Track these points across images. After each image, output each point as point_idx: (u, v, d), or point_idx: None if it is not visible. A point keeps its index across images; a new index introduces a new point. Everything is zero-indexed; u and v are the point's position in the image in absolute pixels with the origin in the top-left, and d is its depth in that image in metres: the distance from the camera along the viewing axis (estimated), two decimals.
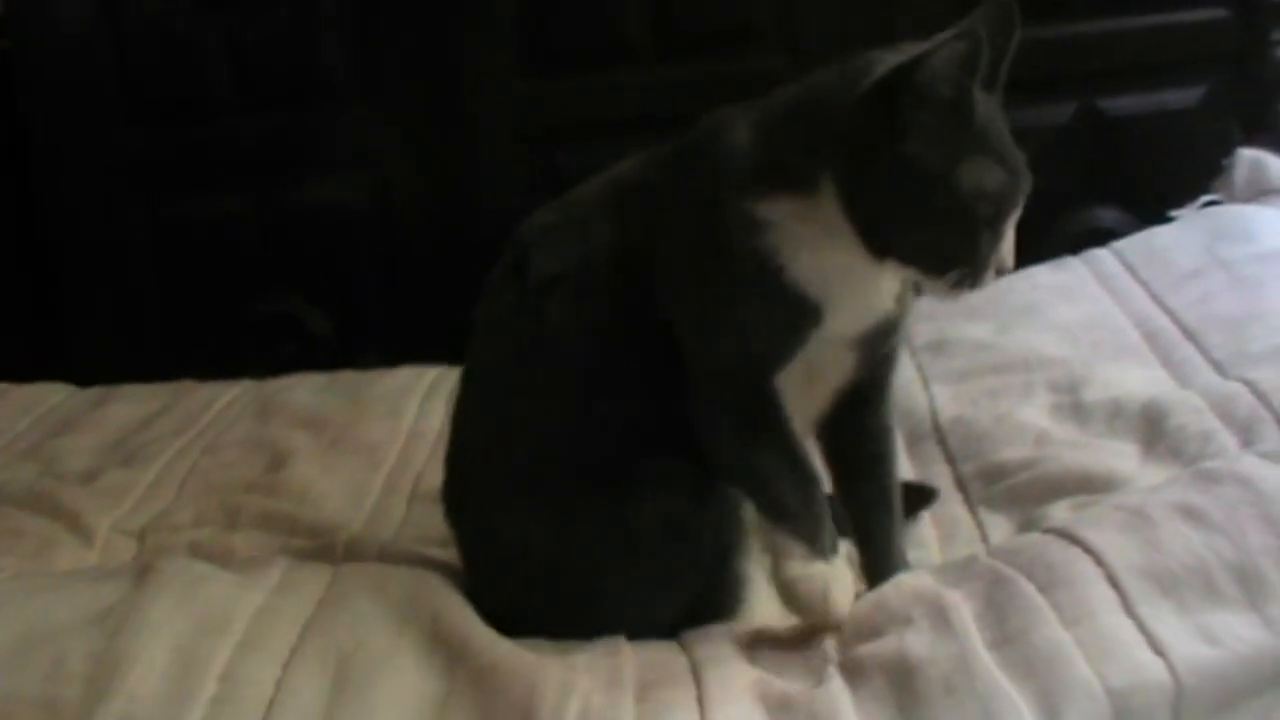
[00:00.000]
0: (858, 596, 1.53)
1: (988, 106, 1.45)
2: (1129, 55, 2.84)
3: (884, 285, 1.53)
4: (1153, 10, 2.82)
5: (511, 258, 1.63)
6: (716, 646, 1.48)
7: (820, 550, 1.51)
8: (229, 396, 2.43)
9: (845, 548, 1.64)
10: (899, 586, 1.50)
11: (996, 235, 1.46)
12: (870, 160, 1.43)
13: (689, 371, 1.54)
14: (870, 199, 1.44)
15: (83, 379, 2.58)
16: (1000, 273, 1.49)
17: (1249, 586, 1.37)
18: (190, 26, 2.84)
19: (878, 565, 1.63)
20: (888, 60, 1.45)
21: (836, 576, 1.51)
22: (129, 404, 2.43)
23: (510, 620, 1.53)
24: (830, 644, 1.45)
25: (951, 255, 1.45)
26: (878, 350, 1.59)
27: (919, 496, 1.88)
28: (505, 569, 1.61)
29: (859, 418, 1.63)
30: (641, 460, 1.55)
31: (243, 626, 1.48)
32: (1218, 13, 2.81)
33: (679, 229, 1.54)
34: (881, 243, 1.45)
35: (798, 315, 1.50)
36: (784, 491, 1.53)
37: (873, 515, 1.66)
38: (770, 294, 1.49)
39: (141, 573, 1.57)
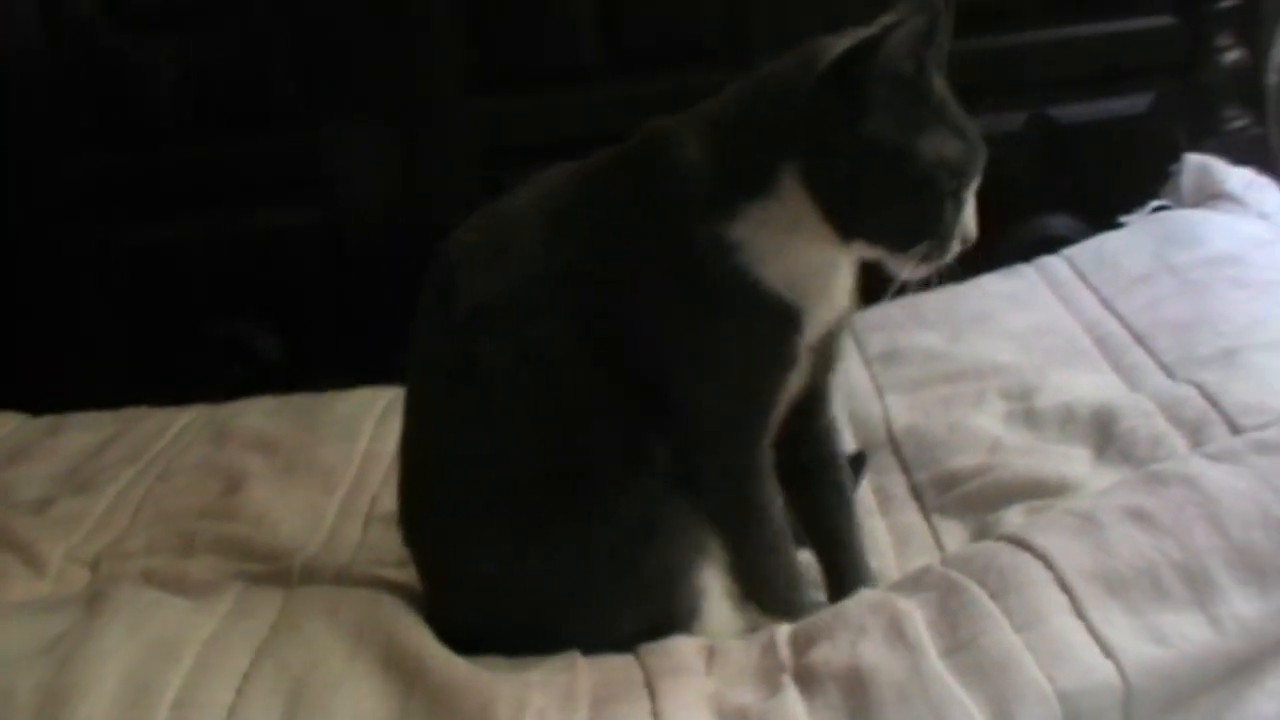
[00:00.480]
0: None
1: (940, 80, 1.48)
2: (1078, 63, 2.85)
3: (844, 279, 1.56)
4: (1101, 19, 2.84)
5: (437, 281, 1.60)
6: (672, 658, 1.48)
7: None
8: (182, 422, 2.42)
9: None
10: (856, 597, 1.51)
11: (959, 205, 1.49)
12: (832, 140, 1.46)
13: (674, 417, 1.53)
14: (835, 179, 1.47)
15: (33, 406, 2.57)
16: (965, 242, 1.51)
17: (1196, 587, 1.38)
18: (139, 51, 2.83)
19: (843, 573, 1.65)
20: (839, 43, 1.47)
21: None
22: (81, 432, 2.42)
23: (470, 640, 1.52)
24: (785, 653, 1.45)
25: (918, 228, 1.48)
26: (831, 349, 1.61)
27: (854, 465, 1.87)
28: (462, 593, 1.60)
29: (807, 421, 1.64)
30: (589, 482, 1.54)
31: (194, 652, 1.47)
32: (1165, 20, 2.83)
33: (645, 263, 1.52)
34: (849, 224, 1.48)
35: (782, 327, 1.52)
36: (775, 544, 1.58)
37: (832, 517, 1.68)
38: (754, 315, 1.50)
39: (92, 601, 1.56)
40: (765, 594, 1.59)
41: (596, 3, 2.80)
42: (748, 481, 1.57)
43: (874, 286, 2.46)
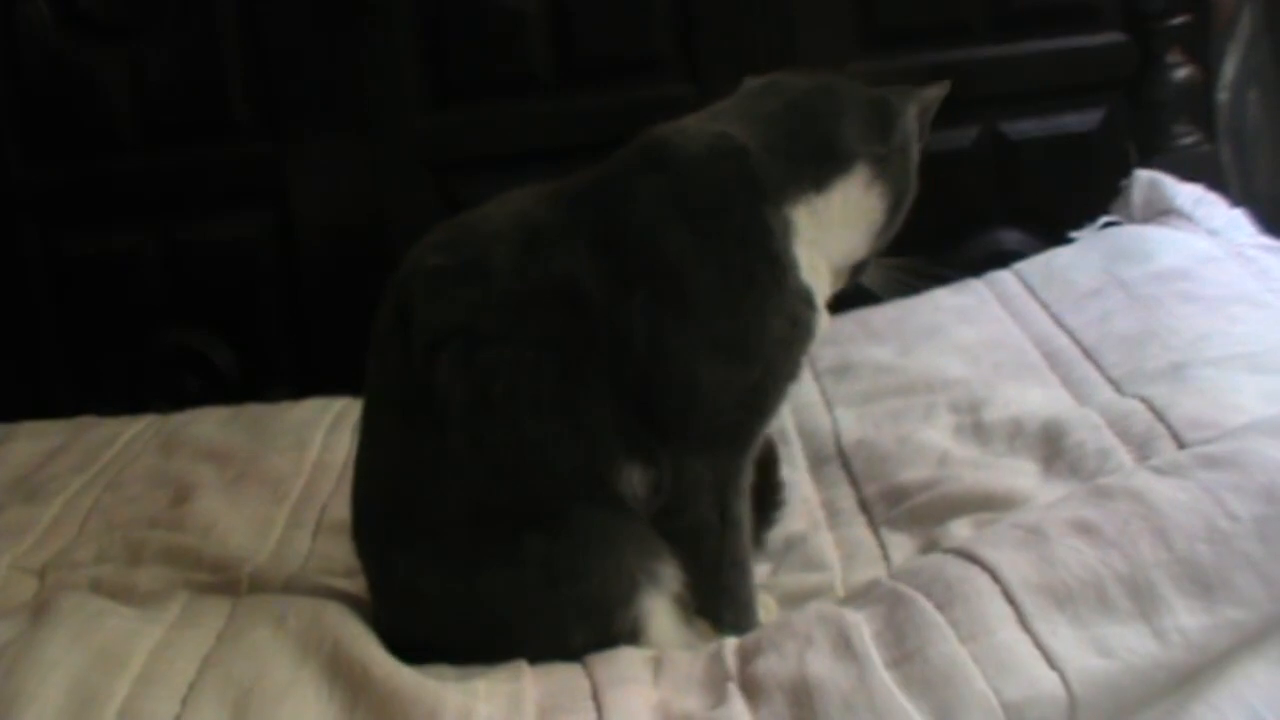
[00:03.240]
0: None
1: None
2: (1029, 79, 2.87)
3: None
4: (1052, 35, 2.85)
5: (395, 304, 1.60)
6: (618, 668, 1.48)
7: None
8: (132, 432, 2.41)
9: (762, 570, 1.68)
10: (804, 610, 1.52)
11: None
12: (899, 142, 1.66)
13: (670, 423, 1.55)
14: (899, 178, 1.66)
15: None
16: None
17: (1141, 599, 1.39)
18: (89, 58, 2.81)
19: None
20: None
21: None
22: (30, 441, 2.41)
23: (419, 653, 1.52)
24: (732, 663, 1.45)
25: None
26: None
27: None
28: (410, 608, 1.60)
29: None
30: (541, 505, 1.55)
31: (141, 662, 1.46)
32: (1115, 37, 2.84)
33: (687, 252, 1.55)
34: (894, 219, 1.67)
35: (807, 323, 1.60)
36: (743, 560, 1.62)
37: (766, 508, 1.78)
38: (793, 301, 1.58)
39: (38, 610, 1.55)
40: (726, 609, 1.61)
41: (548, 16, 2.80)
42: (731, 493, 1.60)
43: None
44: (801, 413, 2.19)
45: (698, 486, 1.58)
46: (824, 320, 1.62)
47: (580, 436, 1.54)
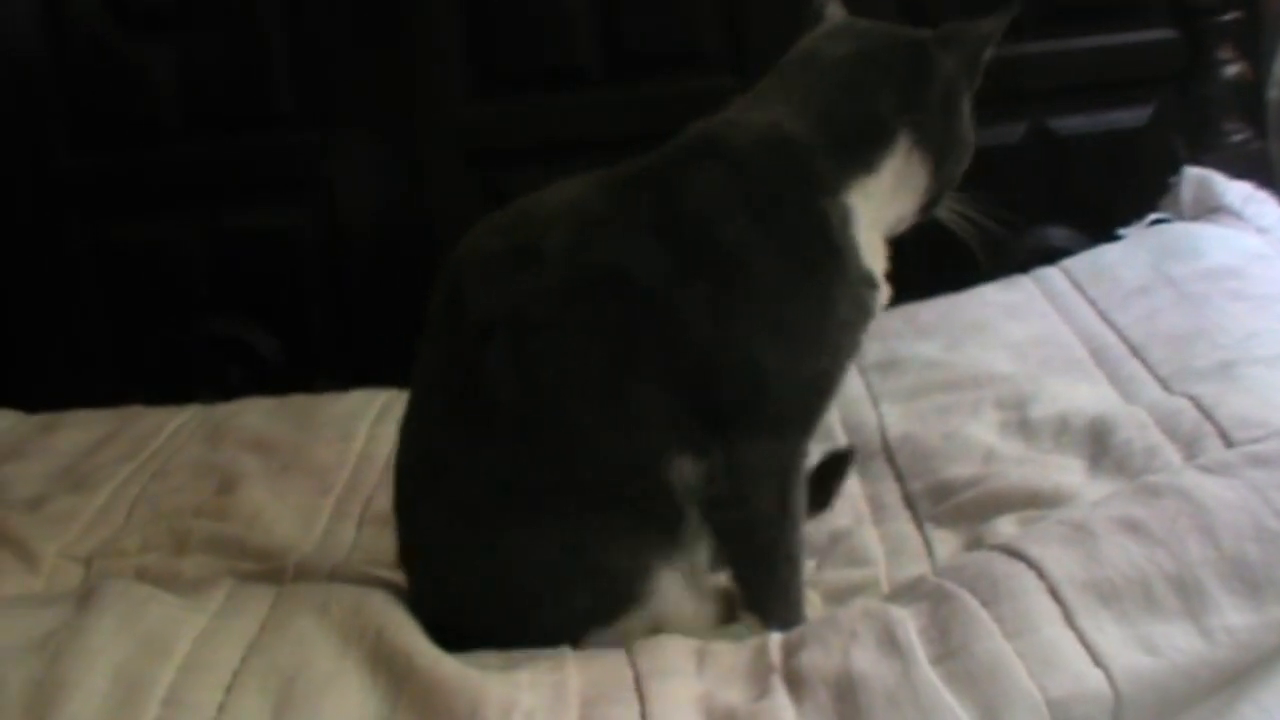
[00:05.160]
0: None
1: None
2: (1078, 75, 2.86)
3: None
4: (1102, 31, 2.84)
5: (448, 286, 1.61)
6: (662, 659, 1.48)
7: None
8: (178, 421, 2.42)
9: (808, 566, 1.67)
10: (849, 607, 1.52)
11: None
12: (933, 99, 1.63)
13: (732, 409, 1.55)
14: (943, 133, 1.64)
15: (28, 404, 2.57)
16: None
17: (1188, 597, 1.38)
18: (136, 49, 2.83)
19: None
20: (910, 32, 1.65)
21: None
22: (77, 430, 2.42)
23: (452, 631, 1.53)
24: (776, 656, 1.45)
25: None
26: None
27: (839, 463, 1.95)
28: (432, 570, 1.62)
29: None
30: (584, 496, 1.55)
31: (185, 649, 1.46)
32: (1165, 33, 2.83)
33: (748, 242, 1.55)
34: (953, 172, 1.67)
35: (867, 303, 1.60)
36: (797, 555, 1.62)
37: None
38: (855, 284, 1.59)
39: (83, 597, 1.56)
40: (777, 605, 1.60)
41: (594, 8, 2.80)
42: (792, 482, 1.60)
43: None
44: (847, 407, 2.19)
45: (758, 477, 1.58)
46: (885, 294, 1.63)
47: (629, 425, 1.54)
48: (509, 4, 2.81)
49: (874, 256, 1.61)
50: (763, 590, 1.61)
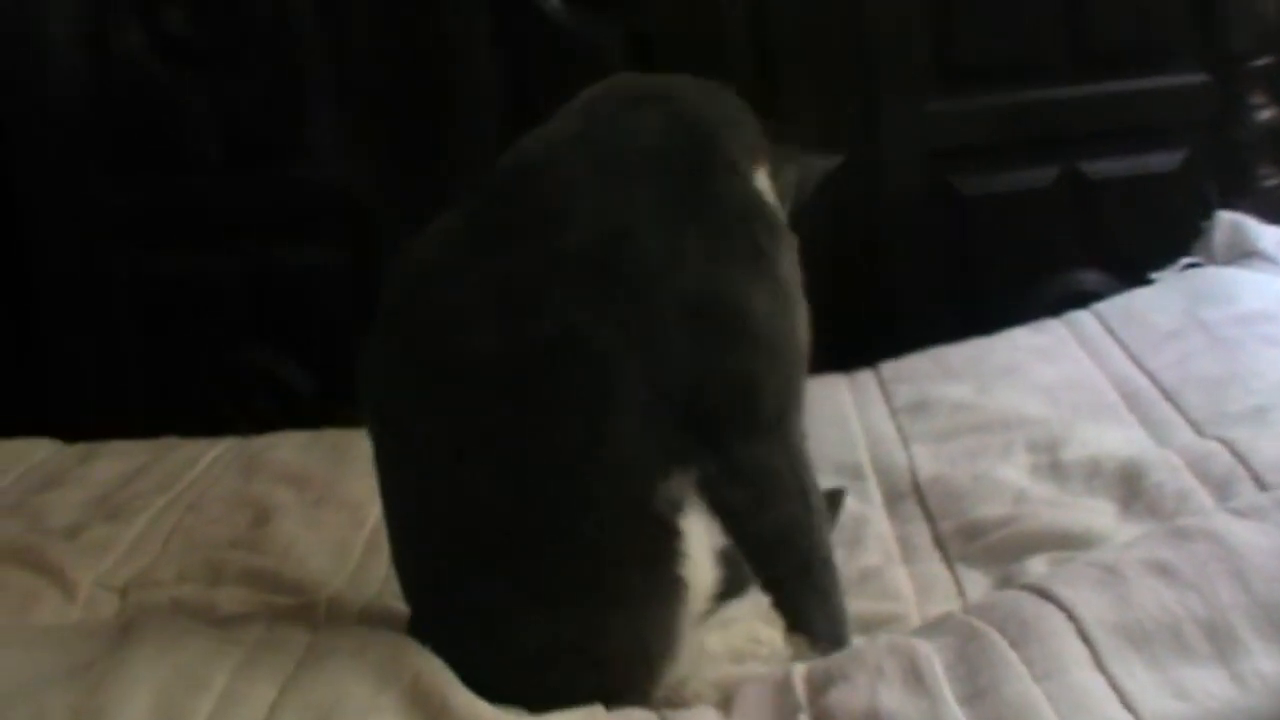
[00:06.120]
0: None
1: None
2: (1111, 119, 2.86)
3: None
4: (1134, 75, 2.84)
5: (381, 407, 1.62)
6: (692, 712, 1.48)
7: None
8: (213, 454, 2.44)
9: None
10: (875, 640, 1.52)
11: None
12: None
13: (725, 414, 1.54)
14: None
15: (64, 433, 2.59)
16: None
17: (1219, 642, 1.38)
18: (177, 84, 2.86)
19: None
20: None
21: None
22: (114, 460, 2.43)
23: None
24: (801, 693, 1.45)
25: None
26: None
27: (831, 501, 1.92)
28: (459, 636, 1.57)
29: None
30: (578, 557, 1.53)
31: (223, 681, 1.47)
32: (1198, 77, 2.83)
33: (720, 230, 1.55)
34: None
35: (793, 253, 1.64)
36: (831, 557, 1.61)
37: None
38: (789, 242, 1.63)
39: (123, 627, 1.57)
40: (819, 615, 1.58)
41: (629, 52, 2.81)
42: (810, 476, 1.58)
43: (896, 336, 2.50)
44: (877, 448, 2.20)
45: (777, 478, 1.56)
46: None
47: (616, 467, 1.51)
48: (546, 48, 2.83)
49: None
50: (805, 602, 1.58)
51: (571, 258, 1.52)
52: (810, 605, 1.58)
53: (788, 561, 1.58)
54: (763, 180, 1.64)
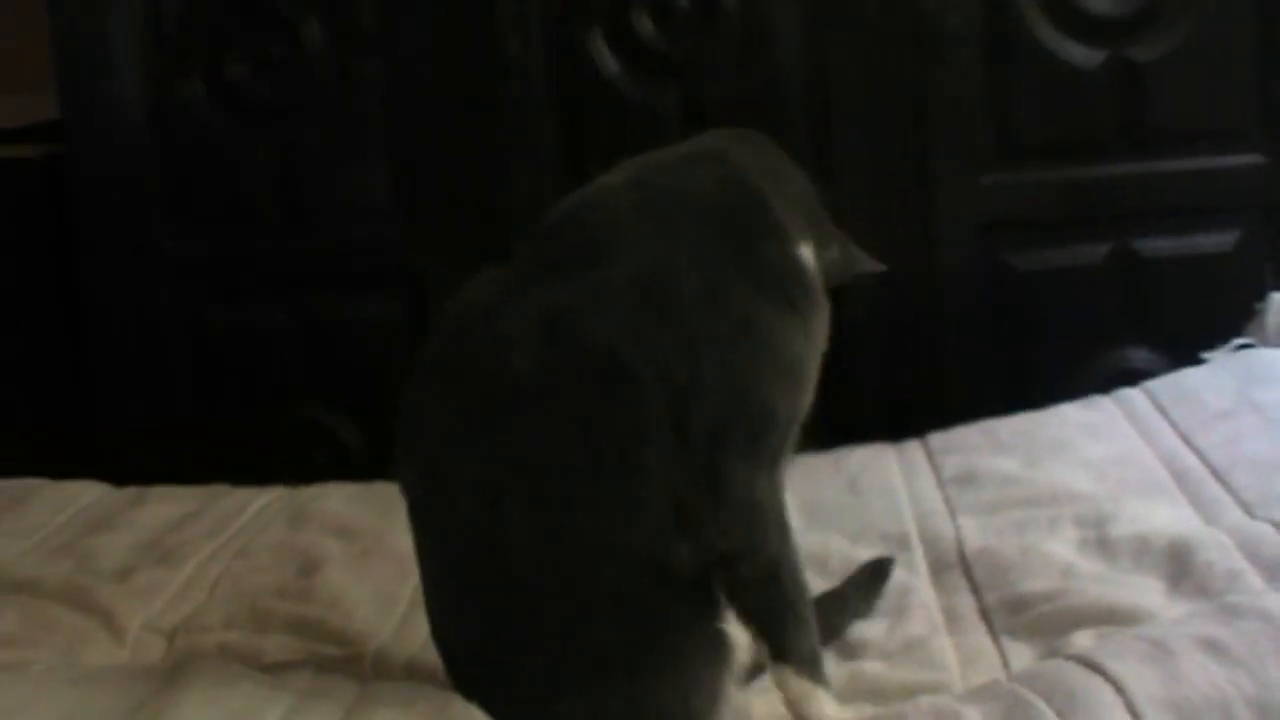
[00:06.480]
0: None
1: None
2: (1164, 198, 2.86)
3: None
4: (1189, 154, 2.84)
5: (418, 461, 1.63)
6: None
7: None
8: (262, 502, 2.45)
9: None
10: (918, 703, 1.52)
11: None
12: None
13: (735, 451, 1.54)
14: None
15: (115, 477, 2.61)
16: None
17: None
18: (238, 136, 2.90)
19: None
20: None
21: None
22: (164, 504, 2.45)
23: None
24: None
25: None
26: None
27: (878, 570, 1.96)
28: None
29: None
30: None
31: None
32: (1254, 159, 2.83)
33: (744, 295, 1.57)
34: None
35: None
36: (805, 582, 1.61)
37: None
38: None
39: (173, 670, 1.59)
40: (802, 638, 1.57)
41: (684, 115, 2.83)
42: (786, 513, 1.59)
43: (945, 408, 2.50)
44: (924, 520, 2.20)
45: (765, 517, 1.56)
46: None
47: (641, 484, 1.52)
48: (602, 105, 2.85)
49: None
50: (789, 633, 1.57)
51: (615, 289, 1.54)
52: (795, 635, 1.57)
53: (775, 599, 1.57)
54: (807, 250, 1.65)
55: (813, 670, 1.57)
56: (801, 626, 1.58)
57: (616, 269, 1.55)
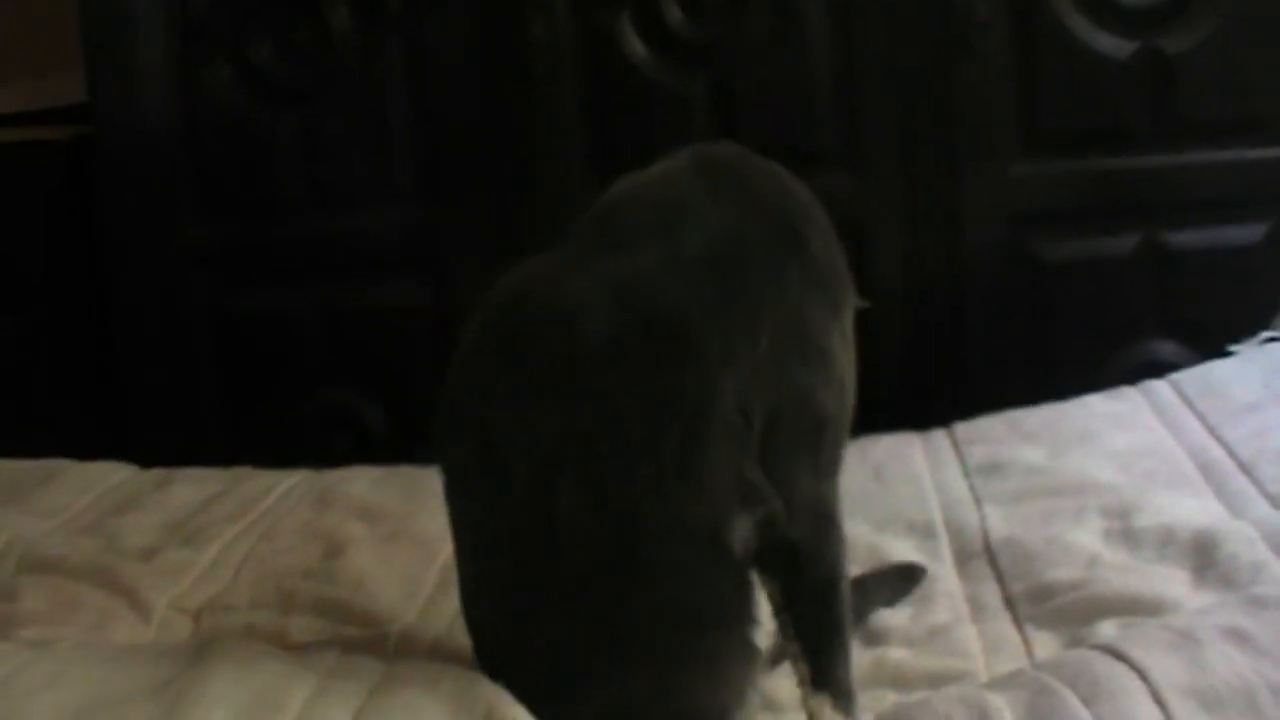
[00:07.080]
0: None
1: None
2: (1193, 190, 2.86)
3: None
4: (1218, 146, 2.84)
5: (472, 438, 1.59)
6: None
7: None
8: (287, 484, 2.45)
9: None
10: (944, 691, 1.52)
11: None
12: None
13: (806, 456, 1.55)
14: None
15: (142, 461, 2.62)
16: None
17: None
18: (264, 120, 2.91)
19: None
20: None
21: None
22: (190, 486, 2.46)
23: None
24: None
25: None
26: None
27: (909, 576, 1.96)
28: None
29: None
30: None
31: (297, 706, 1.48)
32: None
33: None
34: None
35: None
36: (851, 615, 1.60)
37: None
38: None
39: (199, 649, 1.59)
40: (844, 671, 1.56)
41: (714, 105, 2.83)
42: (842, 527, 1.59)
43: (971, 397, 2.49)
44: (950, 509, 2.20)
45: (830, 526, 1.56)
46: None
47: (703, 463, 1.49)
48: (628, 93, 2.85)
49: None
50: (834, 660, 1.56)
51: (689, 261, 1.53)
52: (838, 664, 1.56)
53: (826, 618, 1.57)
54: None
55: (848, 706, 1.55)
56: (845, 658, 1.57)
57: (686, 246, 1.54)
